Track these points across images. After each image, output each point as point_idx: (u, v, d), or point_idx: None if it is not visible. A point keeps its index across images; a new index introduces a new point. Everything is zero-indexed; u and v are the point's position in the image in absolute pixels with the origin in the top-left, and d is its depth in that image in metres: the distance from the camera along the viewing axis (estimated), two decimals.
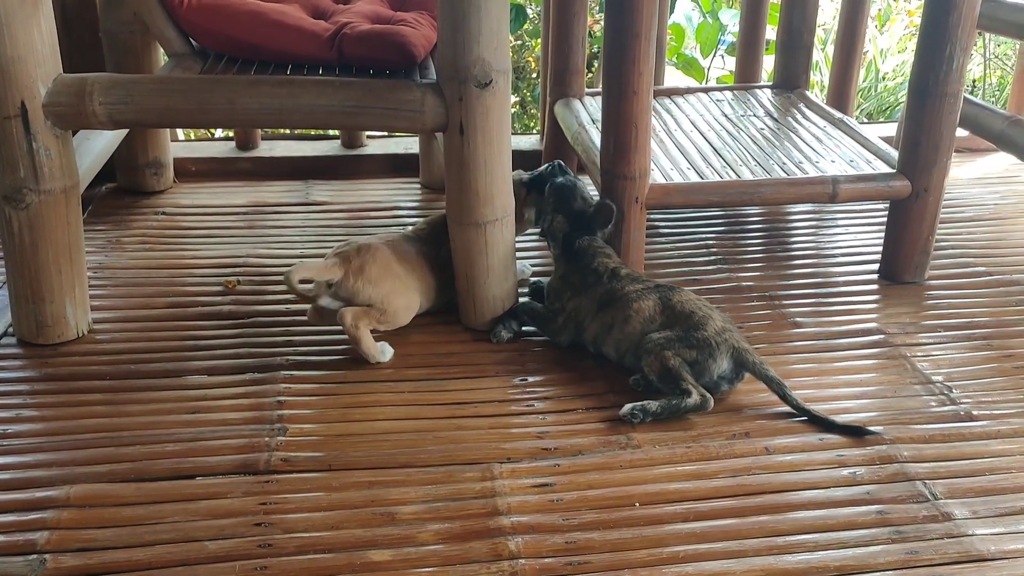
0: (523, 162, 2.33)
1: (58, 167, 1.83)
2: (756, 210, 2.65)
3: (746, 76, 2.98)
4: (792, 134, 2.51)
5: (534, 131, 3.80)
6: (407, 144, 2.95)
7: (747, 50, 2.97)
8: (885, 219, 2.28)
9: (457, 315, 2.04)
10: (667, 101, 2.78)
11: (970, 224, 2.58)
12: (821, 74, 4.23)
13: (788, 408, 1.75)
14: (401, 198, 2.74)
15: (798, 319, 2.10)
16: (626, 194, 2.04)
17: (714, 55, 4.22)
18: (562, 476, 1.59)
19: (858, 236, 2.51)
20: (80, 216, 1.93)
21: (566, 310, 1.94)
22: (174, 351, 1.93)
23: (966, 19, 2.00)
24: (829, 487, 1.57)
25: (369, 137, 3.02)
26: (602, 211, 2.00)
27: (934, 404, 1.79)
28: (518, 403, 1.79)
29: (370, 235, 2.03)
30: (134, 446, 1.64)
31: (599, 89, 2.11)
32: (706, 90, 2.89)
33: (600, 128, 2.07)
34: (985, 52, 4.30)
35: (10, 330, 1.97)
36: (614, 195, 2.04)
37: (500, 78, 1.82)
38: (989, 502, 1.53)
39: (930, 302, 2.17)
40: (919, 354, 1.96)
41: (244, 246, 2.41)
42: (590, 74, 3.88)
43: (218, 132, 3.49)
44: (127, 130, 2.42)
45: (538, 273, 2.27)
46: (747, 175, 2.23)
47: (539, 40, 3.47)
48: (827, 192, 2.16)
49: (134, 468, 1.58)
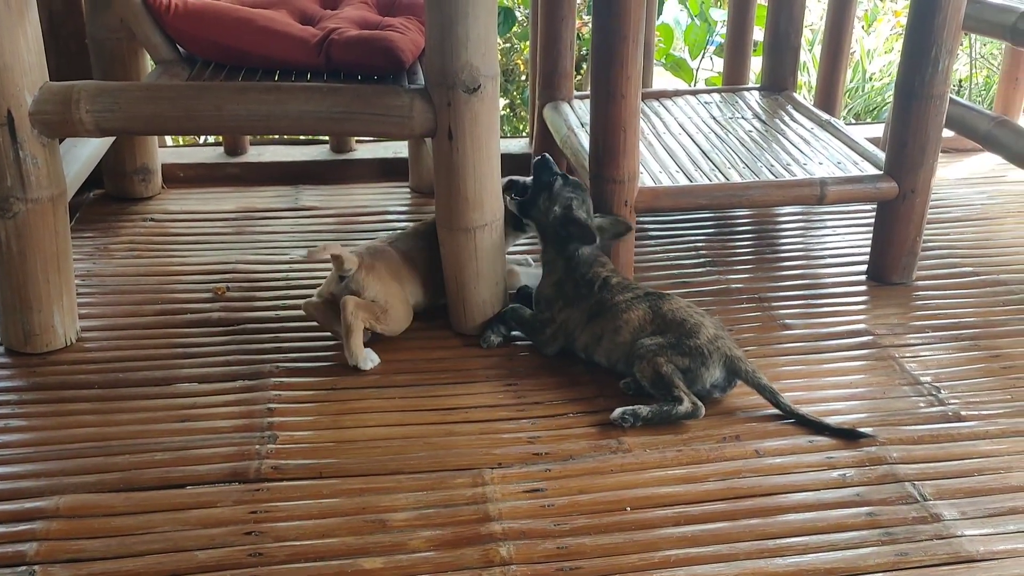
0: (513, 164, 2.33)
1: (45, 175, 1.82)
2: (745, 212, 2.66)
3: (734, 78, 2.99)
4: (780, 136, 2.52)
5: (523, 134, 3.80)
6: (396, 148, 2.95)
7: (734, 52, 2.98)
8: (873, 220, 2.29)
9: (447, 320, 2.05)
10: (655, 104, 2.79)
11: (957, 224, 2.59)
12: (809, 74, 4.25)
13: (778, 410, 1.75)
14: (391, 202, 2.74)
15: (787, 321, 2.11)
16: (615, 198, 2.04)
17: (703, 56, 4.23)
18: (553, 481, 1.59)
19: (846, 237, 2.52)
20: (67, 224, 1.92)
21: (556, 321, 1.93)
22: (163, 359, 1.93)
23: (951, 21, 2.01)
24: (819, 489, 1.57)
25: (358, 141, 3.01)
26: (616, 226, 1.99)
27: (923, 405, 1.80)
28: (508, 408, 1.79)
29: (372, 239, 2.05)
30: (123, 455, 1.63)
31: (588, 92, 2.12)
32: (694, 92, 2.90)
33: (589, 132, 2.07)
34: (971, 52, 4.32)
35: None
36: (603, 199, 2.04)
37: (488, 83, 1.82)
38: (978, 503, 1.54)
39: (918, 303, 2.18)
40: (907, 355, 1.97)
41: (233, 252, 2.40)
42: (579, 76, 3.88)
43: (206, 137, 3.47)
44: (114, 137, 2.41)
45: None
46: (735, 178, 2.24)
47: (528, 43, 3.47)
48: (815, 194, 2.17)
49: (123, 478, 1.57)
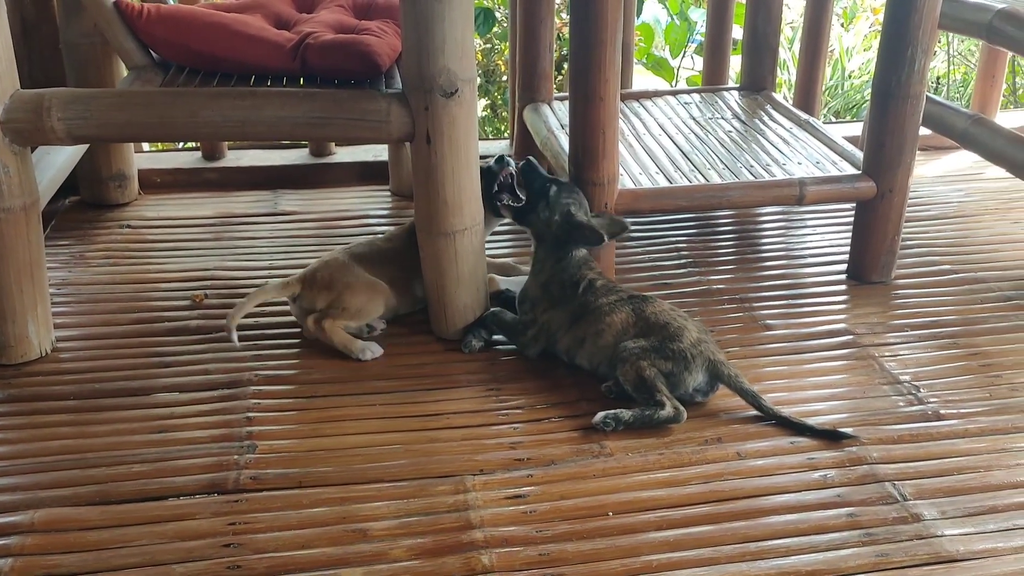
0: None
1: (17, 184, 1.80)
2: (726, 212, 2.66)
3: (713, 78, 2.99)
4: (759, 136, 2.53)
5: (505, 135, 3.79)
6: (376, 152, 2.93)
7: (714, 52, 2.98)
8: (852, 219, 2.30)
9: (428, 325, 2.03)
10: (635, 104, 2.79)
11: (935, 222, 2.61)
12: (789, 73, 4.26)
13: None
14: (371, 206, 2.72)
15: (769, 321, 2.11)
16: (595, 200, 2.04)
17: (683, 55, 4.24)
18: (535, 487, 1.58)
19: (826, 236, 2.53)
20: (41, 233, 1.89)
21: (538, 323, 1.92)
22: (140, 368, 1.91)
23: (927, 21, 2.02)
24: (800, 491, 1.58)
25: (338, 145, 2.99)
26: (612, 226, 1.94)
27: (902, 404, 1.81)
28: (490, 413, 1.78)
29: (340, 245, 2.04)
30: (99, 468, 1.61)
31: (568, 93, 2.11)
32: (674, 93, 2.90)
33: (568, 134, 2.07)
34: (949, 49, 4.35)
35: None
36: None
37: (466, 87, 1.81)
38: (957, 502, 1.54)
39: (897, 301, 2.19)
40: (887, 354, 1.97)
41: (212, 259, 2.38)
42: (560, 77, 3.88)
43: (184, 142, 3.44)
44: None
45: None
46: (715, 179, 2.24)
47: (508, 43, 3.46)
48: (794, 195, 2.18)
49: (100, 491, 1.56)
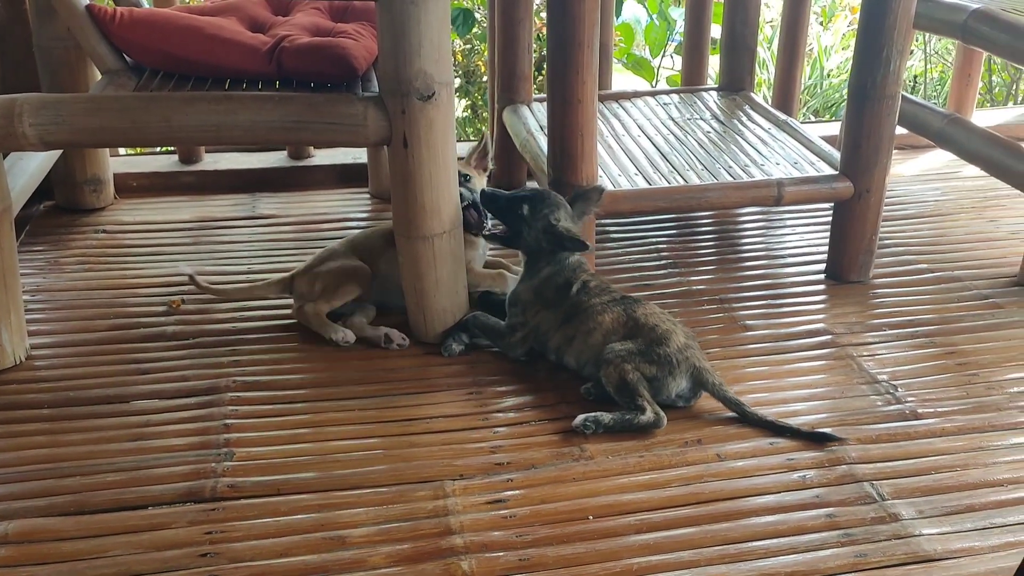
0: None
1: None
2: (706, 212, 2.67)
3: (692, 78, 3.00)
4: (738, 137, 2.53)
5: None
6: (355, 154, 2.91)
7: (692, 53, 2.98)
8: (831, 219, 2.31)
9: (408, 329, 2.02)
10: (615, 105, 2.79)
11: (912, 221, 2.62)
12: (769, 72, 4.28)
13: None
14: (350, 209, 2.71)
15: (748, 322, 2.11)
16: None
17: (663, 54, 4.24)
18: (515, 491, 1.58)
19: (805, 236, 2.54)
20: (14, 240, 1.87)
21: (527, 325, 1.91)
22: (116, 375, 1.89)
23: (901, 22, 2.03)
24: (780, 492, 1.58)
25: (316, 147, 2.97)
26: (589, 199, 1.95)
27: (880, 403, 1.82)
28: (470, 417, 1.78)
29: (319, 248, 2.06)
30: (74, 477, 1.59)
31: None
32: (653, 93, 2.90)
33: (547, 136, 2.06)
34: (926, 48, 4.38)
35: None
36: None
37: (443, 90, 1.80)
38: (934, 501, 1.55)
39: (875, 301, 2.21)
40: (865, 354, 1.98)
41: (189, 263, 2.35)
42: (541, 77, 3.87)
43: None
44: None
45: None
46: (694, 180, 2.24)
47: (487, 45, 3.45)
48: (772, 195, 2.19)
49: (74, 501, 1.54)
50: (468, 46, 4.23)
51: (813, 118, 4.27)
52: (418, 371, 1.92)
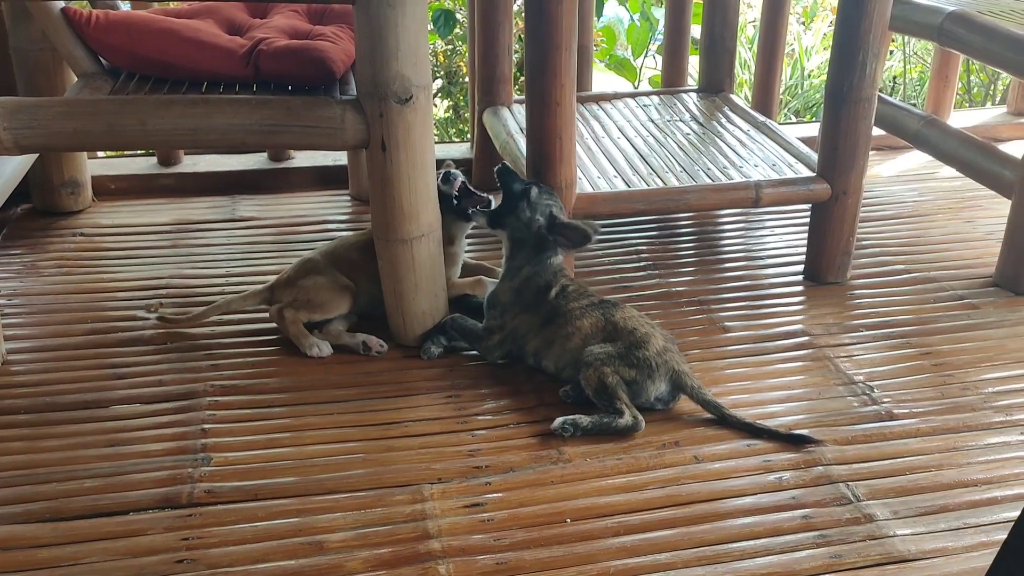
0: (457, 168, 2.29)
1: None
2: (686, 215, 2.68)
3: (672, 79, 3.01)
4: (717, 139, 2.54)
5: (467, 137, 3.78)
6: (335, 156, 2.90)
7: (672, 54, 2.99)
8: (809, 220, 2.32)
9: (387, 332, 2.02)
10: (594, 107, 2.79)
11: (890, 222, 2.64)
12: (750, 72, 4.30)
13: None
14: (330, 211, 2.70)
15: (727, 323, 2.12)
16: None
17: (646, 55, 4.25)
18: (493, 494, 1.58)
19: (784, 238, 2.56)
20: None
21: (506, 328, 1.91)
22: (93, 380, 1.87)
23: (877, 26, 2.05)
24: (756, 494, 1.59)
25: (296, 149, 2.96)
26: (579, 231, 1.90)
27: (856, 404, 1.83)
28: (449, 420, 1.78)
29: (300, 250, 2.05)
30: (51, 483, 1.58)
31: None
32: (633, 95, 2.91)
33: (526, 138, 2.07)
34: (905, 49, 4.41)
35: None
36: None
37: (421, 93, 1.80)
38: (909, 502, 1.57)
39: (852, 302, 2.22)
40: (842, 355, 2.00)
41: (168, 267, 2.35)
42: (522, 79, 3.87)
43: None
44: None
45: None
46: (673, 182, 2.25)
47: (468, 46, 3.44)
48: (750, 197, 2.20)
49: (50, 507, 1.53)
50: (450, 47, 4.23)
51: (794, 118, 4.29)
52: (397, 374, 1.92)
